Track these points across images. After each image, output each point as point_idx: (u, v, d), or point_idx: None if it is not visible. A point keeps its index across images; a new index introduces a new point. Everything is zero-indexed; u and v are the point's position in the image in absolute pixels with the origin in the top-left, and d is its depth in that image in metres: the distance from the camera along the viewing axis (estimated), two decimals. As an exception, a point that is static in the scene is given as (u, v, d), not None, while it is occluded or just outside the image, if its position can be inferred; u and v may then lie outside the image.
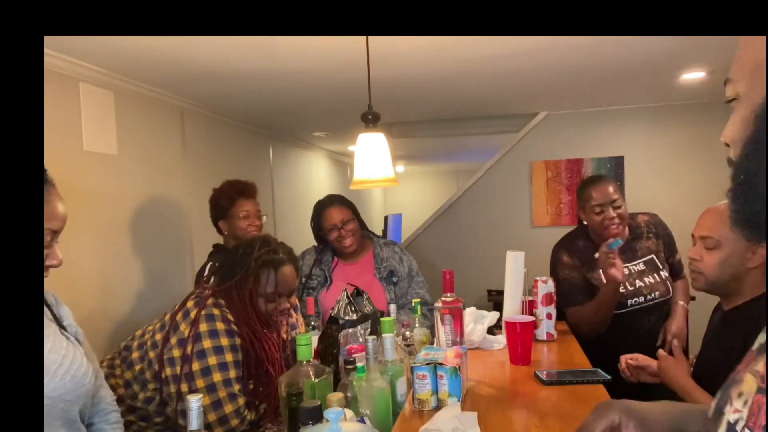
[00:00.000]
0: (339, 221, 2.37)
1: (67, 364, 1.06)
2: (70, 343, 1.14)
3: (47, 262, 1.06)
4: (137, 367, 1.57)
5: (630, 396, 1.73)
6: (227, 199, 2.42)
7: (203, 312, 1.53)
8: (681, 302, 2.17)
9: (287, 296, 1.63)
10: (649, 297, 2.10)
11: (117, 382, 1.60)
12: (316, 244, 2.57)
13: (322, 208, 2.44)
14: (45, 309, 1.14)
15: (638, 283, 2.11)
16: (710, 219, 1.45)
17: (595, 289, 2.09)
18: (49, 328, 1.10)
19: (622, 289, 2.06)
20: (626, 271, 2.09)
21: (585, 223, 2.17)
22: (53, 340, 1.07)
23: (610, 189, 2.07)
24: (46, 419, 1.01)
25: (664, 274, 2.15)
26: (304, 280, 2.43)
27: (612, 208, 2.06)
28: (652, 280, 2.12)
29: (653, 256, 2.16)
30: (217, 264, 2.23)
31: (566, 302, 2.14)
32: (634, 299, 2.09)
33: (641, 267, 2.14)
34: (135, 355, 1.59)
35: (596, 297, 2.05)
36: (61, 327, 1.17)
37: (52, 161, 2.17)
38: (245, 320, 1.55)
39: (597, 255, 2.01)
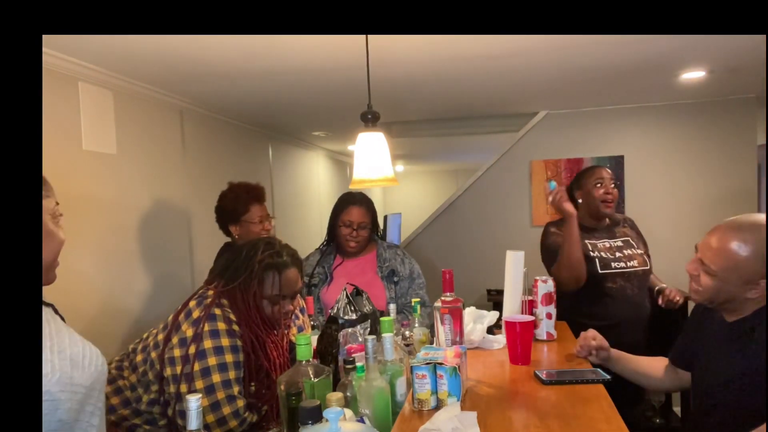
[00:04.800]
0: (356, 223, 2.41)
1: (88, 354, 1.07)
2: (80, 336, 1.15)
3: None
4: (141, 369, 1.57)
5: (627, 394, 1.74)
6: (243, 204, 2.42)
7: (205, 312, 1.52)
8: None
9: (291, 298, 1.63)
10: (629, 264, 2.38)
11: (125, 384, 1.60)
12: (320, 244, 2.57)
13: (349, 202, 2.46)
14: (48, 306, 1.13)
15: (617, 253, 2.42)
16: (713, 245, 1.42)
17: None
18: (57, 321, 1.10)
19: (605, 255, 2.39)
20: (607, 245, 2.43)
21: (580, 201, 2.47)
22: (67, 333, 1.08)
23: (608, 171, 2.47)
24: (81, 407, 1.02)
25: (640, 251, 2.44)
26: (307, 279, 2.43)
27: (609, 186, 2.41)
28: (629, 252, 2.42)
29: (628, 238, 2.49)
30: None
31: (551, 262, 2.41)
32: (617, 263, 2.38)
33: (619, 243, 2.46)
34: (139, 357, 1.59)
35: (565, 238, 2.31)
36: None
37: (51, 161, 2.18)
38: (247, 321, 1.55)
39: (550, 199, 2.33)
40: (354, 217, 2.40)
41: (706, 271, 1.42)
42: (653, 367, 1.72)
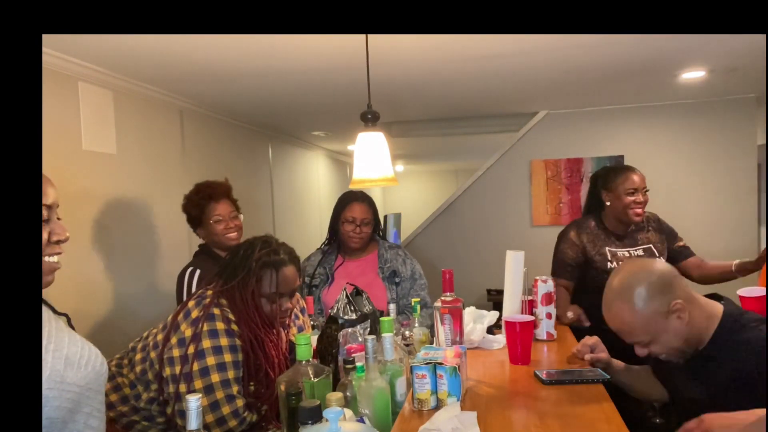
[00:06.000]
0: (360, 219, 2.40)
1: (86, 354, 1.06)
2: (80, 336, 1.15)
3: (54, 238, 1.06)
4: (139, 368, 1.57)
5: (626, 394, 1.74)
6: (195, 207, 2.31)
7: (204, 312, 1.53)
8: None
9: (289, 296, 1.63)
10: None
11: (123, 381, 1.60)
12: (321, 244, 2.57)
13: (352, 199, 2.45)
14: (47, 306, 1.13)
15: None
16: (621, 327, 1.42)
17: (592, 263, 2.34)
18: (59, 321, 1.10)
19: None
20: (627, 254, 2.35)
21: (608, 203, 2.36)
22: (68, 333, 1.08)
23: (639, 177, 2.34)
24: (76, 407, 1.02)
25: (662, 258, 2.34)
26: (308, 280, 2.43)
27: (641, 194, 2.31)
28: None
29: (651, 245, 2.38)
30: (199, 270, 2.21)
31: (553, 272, 2.39)
32: None
33: (640, 253, 2.36)
34: (138, 356, 1.59)
35: (561, 303, 2.21)
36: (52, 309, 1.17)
37: (51, 160, 2.18)
38: (246, 321, 1.55)
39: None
40: (357, 213, 2.40)
41: (643, 345, 1.43)
42: (653, 381, 1.72)
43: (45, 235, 1.04)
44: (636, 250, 2.36)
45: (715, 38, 2.39)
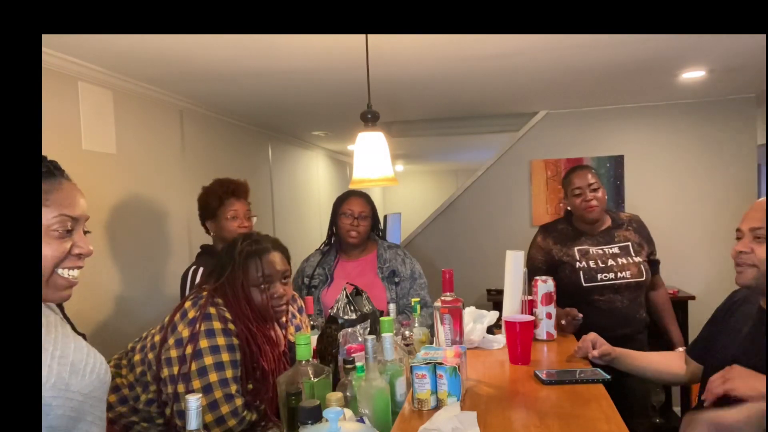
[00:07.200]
0: (357, 212, 2.42)
1: (91, 362, 1.06)
2: (86, 342, 1.14)
3: (75, 251, 1.05)
4: (138, 369, 1.57)
5: (630, 394, 1.73)
6: (216, 199, 2.34)
7: (200, 312, 1.53)
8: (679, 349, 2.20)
9: (280, 281, 1.62)
10: (619, 275, 2.27)
11: (122, 382, 1.60)
12: (320, 245, 2.57)
13: (349, 194, 2.49)
14: (54, 309, 1.13)
15: (610, 261, 2.30)
16: (762, 211, 1.41)
17: (561, 265, 2.33)
18: (66, 328, 1.10)
19: (593, 264, 2.29)
20: (600, 252, 2.32)
21: (569, 209, 2.40)
22: (74, 339, 1.07)
23: (588, 175, 2.32)
24: (79, 415, 1.02)
25: (638, 259, 2.31)
26: (307, 280, 2.44)
27: (589, 192, 2.29)
28: (624, 261, 2.29)
29: (629, 244, 2.35)
30: (201, 268, 2.22)
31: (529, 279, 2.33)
32: (604, 275, 2.27)
33: (615, 250, 2.33)
34: (137, 357, 1.59)
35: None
36: (71, 325, 1.17)
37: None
38: (240, 316, 1.55)
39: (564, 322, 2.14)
40: (354, 206, 2.43)
41: (760, 236, 1.40)
42: (667, 361, 1.71)
43: (67, 247, 1.03)
44: (612, 248, 2.32)
45: (715, 38, 2.39)
